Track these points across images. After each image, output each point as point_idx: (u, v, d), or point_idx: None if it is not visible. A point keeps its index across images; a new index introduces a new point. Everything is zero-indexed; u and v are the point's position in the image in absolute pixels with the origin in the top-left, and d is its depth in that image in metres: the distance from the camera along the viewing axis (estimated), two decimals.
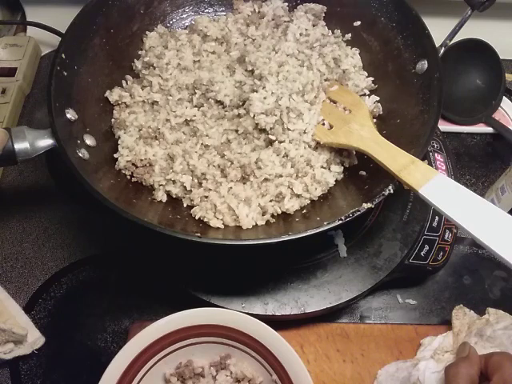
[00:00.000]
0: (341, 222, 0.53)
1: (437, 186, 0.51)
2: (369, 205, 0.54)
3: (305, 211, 0.61)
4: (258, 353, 0.57)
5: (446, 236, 0.69)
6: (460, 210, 0.49)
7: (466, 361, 0.51)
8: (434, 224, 0.69)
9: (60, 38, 0.65)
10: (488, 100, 0.84)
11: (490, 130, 0.86)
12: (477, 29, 0.65)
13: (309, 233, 0.53)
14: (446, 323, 0.66)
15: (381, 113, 0.68)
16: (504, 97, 0.86)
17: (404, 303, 0.71)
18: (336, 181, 0.64)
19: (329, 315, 0.67)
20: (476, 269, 0.73)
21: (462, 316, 0.64)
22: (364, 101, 0.68)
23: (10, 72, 0.88)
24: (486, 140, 0.87)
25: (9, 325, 0.63)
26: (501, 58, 0.83)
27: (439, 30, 0.67)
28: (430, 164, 0.73)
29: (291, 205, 0.61)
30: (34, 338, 0.66)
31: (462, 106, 0.86)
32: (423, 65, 0.64)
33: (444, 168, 0.74)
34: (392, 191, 0.55)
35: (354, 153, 0.65)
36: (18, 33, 0.99)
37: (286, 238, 0.53)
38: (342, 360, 0.65)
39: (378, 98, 0.69)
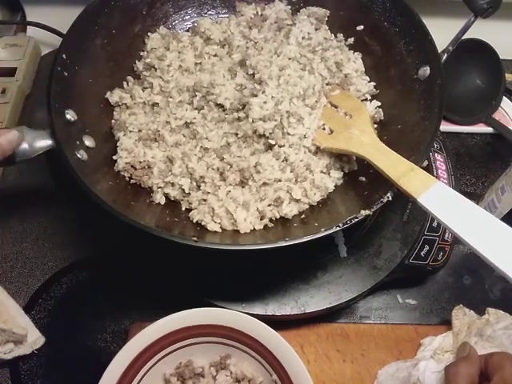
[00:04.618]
0: (338, 228, 0.53)
1: (436, 195, 0.51)
2: (367, 212, 0.54)
3: (303, 216, 0.61)
4: (257, 353, 0.57)
5: (446, 236, 0.69)
6: (459, 219, 0.49)
7: (466, 360, 0.51)
8: (434, 224, 0.69)
9: (60, 38, 0.65)
10: (488, 100, 0.84)
11: (490, 130, 0.86)
12: (477, 29, 0.65)
13: (306, 239, 0.53)
14: (446, 323, 0.66)
15: (382, 118, 0.68)
16: (504, 97, 0.86)
17: (404, 303, 0.71)
18: (335, 186, 0.64)
19: (329, 315, 0.67)
20: (476, 269, 0.73)
21: (462, 316, 0.64)
22: (365, 106, 0.67)
23: (10, 72, 0.88)
24: (486, 140, 0.87)
25: (9, 325, 0.63)
26: (501, 58, 0.83)
27: (441, 30, 0.67)
28: (430, 164, 0.73)
29: (289, 209, 0.60)
30: (34, 338, 0.66)
31: (462, 106, 0.85)
32: (425, 71, 0.64)
33: (444, 168, 0.74)
34: (391, 198, 0.55)
35: (354, 158, 0.64)
36: (18, 33, 0.99)
37: (283, 243, 0.53)
38: (342, 360, 0.65)
39: (379, 104, 0.69)
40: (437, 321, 0.69)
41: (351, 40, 0.73)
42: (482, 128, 0.86)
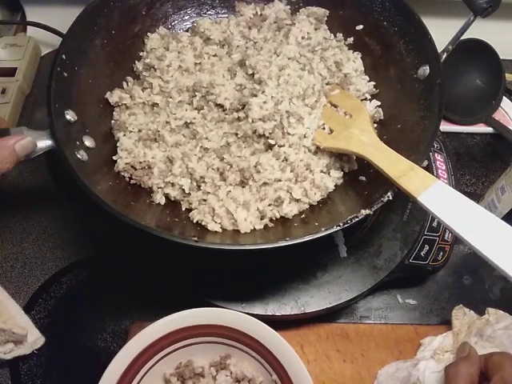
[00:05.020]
0: (338, 228, 0.53)
1: (436, 194, 0.51)
2: (367, 211, 0.54)
3: (303, 216, 0.61)
4: (258, 353, 0.57)
5: (446, 236, 0.69)
6: (459, 218, 0.49)
7: (466, 360, 0.51)
8: (434, 224, 0.69)
9: (60, 38, 0.65)
10: (488, 100, 0.84)
11: (490, 130, 0.86)
12: (477, 29, 0.65)
13: (306, 239, 0.53)
14: (446, 323, 0.66)
15: (382, 118, 0.68)
16: (504, 97, 0.86)
17: (404, 303, 0.71)
18: (335, 186, 0.64)
19: (329, 315, 0.67)
20: (476, 269, 0.73)
21: (462, 316, 0.64)
22: (365, 105, 0.67)
23: (10, 72, 0.88)
24: (486, 140, 0.87)
25: (9, 325, 0.63)
26: (501, 58, 0.83)
27: (441, 30, 0.67)
28: (430, 164, 0.73)
29: (290, 209, 0.60)
30: (34, 338, 0.66)
31: (462, 106, 0.85)
32: (425, 70, 0.64)
33: (444, 168, 0.74)
34: (391, 198, 0.55)
35: (354, 158, 0.64)
36: (18, 33, 0.99)
37: (283, 243, 0.53)
38: (342, 360, 0.65)
39: (379, 103, 0.69)
40: (437, 321, 0.69)
41: (351, 40, 0.73)
42: (482, 128, 0.86)
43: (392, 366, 0.63)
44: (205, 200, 0.61)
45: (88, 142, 0.62)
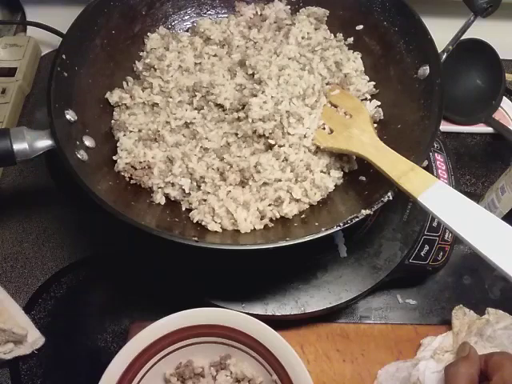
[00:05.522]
0: (339, 228, 0.53)
1: (436, 194, 0.51)
2: (367, 211, 0.54)
3: (303, 216, 0.61)
4: (257, 353, 0.57)
5: (446, 236, 0.69)
6: (459, 218, 0.49)
7: (466, 360, 0.51)
8: (434, 224, 0.69)
9: (60, 38, 0.65)
10: (488, 100, 0.84)
11: (490, 130, 0.86)
12: (477, 29, 0.65)
13: (306, 239, 0.53)
14: (446, 323, 0.66)
15: (382, 118, 0.68)
16: (504, 97, 0.86)
17: (404, 303, 0.71)
18: (335, 186, 0.64)
19: (329, 315, 0.67)
20: (476, 269, 0.73)
21: (462, 316, 0.64)
22: (365, 105, 0.67)
23: (10, 72, 0.88)
24: (486, 140, 0.87)
25: (9, 325, 0.63)
26: (501, 58, 0.83)
27: (441, 30, 0.67)
28: (430, 164, 0.73)
29: (290, 209, 0.60)
30: (34, 338, 0.66)
31: (462, 106, 0.85)
32: (425, 70, 0.64)
33: (444, 168, 0.74)
34: (391, 198, 0.55)
35: (354, 158, 0.64)
36: (18, 33, 0.99)
37: (283, 243, 0.53)
38: (342, 360, 0.65)
39: (379, 103, 0.69)
40: (437, 321, 0.69)
41: (351, 40, 0.73)
42: (482, 128, 0.86)
43: (392, 366, 0.63)
44: (205, 200, 0.61)
45: (88, 141, 0.62)
